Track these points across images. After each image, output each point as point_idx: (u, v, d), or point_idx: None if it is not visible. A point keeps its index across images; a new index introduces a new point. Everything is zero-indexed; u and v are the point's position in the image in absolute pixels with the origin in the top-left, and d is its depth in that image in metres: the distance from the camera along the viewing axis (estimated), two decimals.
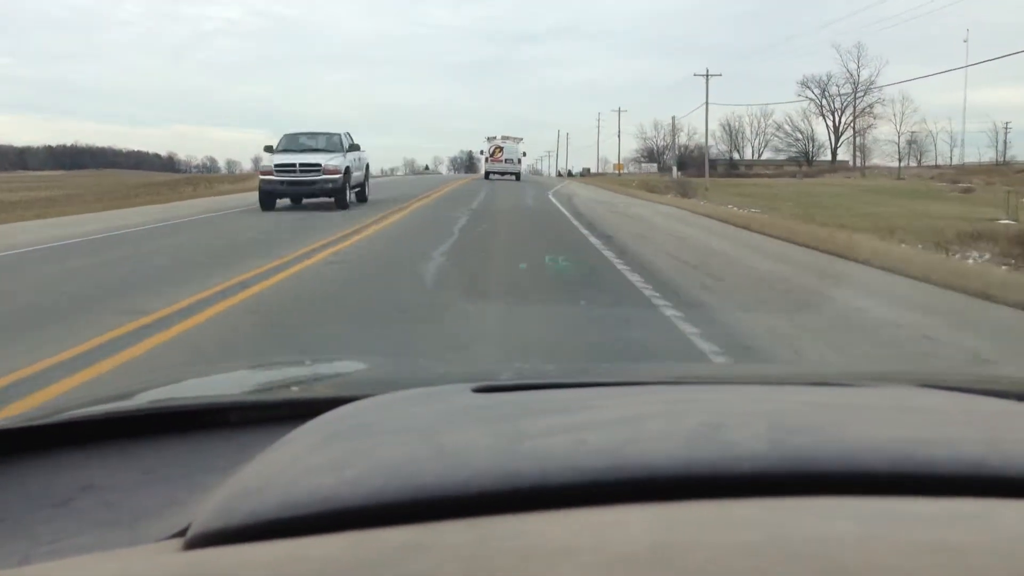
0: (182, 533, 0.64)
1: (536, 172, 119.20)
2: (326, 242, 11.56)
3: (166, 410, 1.21)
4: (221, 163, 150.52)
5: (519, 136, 51.37)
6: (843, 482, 0.60)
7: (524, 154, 52.15)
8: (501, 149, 49.84)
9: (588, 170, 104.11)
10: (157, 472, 0.97)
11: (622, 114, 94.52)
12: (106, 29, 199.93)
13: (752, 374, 1.92)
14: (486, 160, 50.74)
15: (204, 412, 1.19)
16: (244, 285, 7.71)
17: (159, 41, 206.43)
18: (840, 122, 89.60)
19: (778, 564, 0.48)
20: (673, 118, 78.62)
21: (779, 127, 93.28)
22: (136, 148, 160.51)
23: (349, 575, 0.50)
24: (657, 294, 7.57)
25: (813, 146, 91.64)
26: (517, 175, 48.92)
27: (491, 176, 47.79)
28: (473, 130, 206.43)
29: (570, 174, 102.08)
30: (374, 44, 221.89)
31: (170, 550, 0.62)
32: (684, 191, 33.80)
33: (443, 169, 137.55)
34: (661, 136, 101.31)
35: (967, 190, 37.32)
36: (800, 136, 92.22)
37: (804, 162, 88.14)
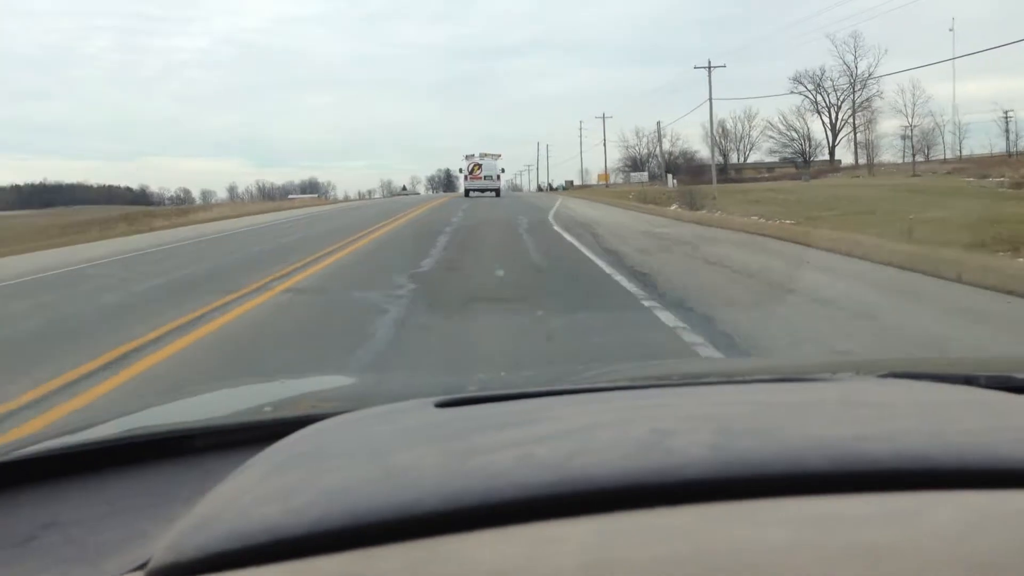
0: (144, 566, 0.63)
1: (516, 188, 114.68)
2: None
3: (127, 441, 1.18)
4: (196, 193, 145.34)
5: (497, 153, 51.80)
6: (784, 484, 0.59)
7: (503, 170, 52.36)
8: (480, 166, 50.12)
9: (571, 183, 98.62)
10: (121, 504, 0.94)
11: (605, 122, 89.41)
12: (74, 65, 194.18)
13: (715, 371, 1.87)
14: (465, 178, 51.10)
15: (168, 440, 1.16)
16: None
17: (129, 74, 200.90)
18: (837, 118, 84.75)
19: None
20: (658, 123, 74.02)
21: (770, 125, 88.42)
22: (108, 183, 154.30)
23: None
24: None
25: (810, 145, 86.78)
26: (497, 191, 48.99)
27: (471, 193, 47.39)
28: (450, 148, 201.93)
29: (551, 188, 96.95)
30: (349, 66, 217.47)
31: None
32: (692, 202, 28.80)
33: (421, 189, 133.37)
34: (644, 144, 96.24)
35: (1017, 184, 32.64)
36: (796, 135, 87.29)
37: (801, 162, 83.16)
